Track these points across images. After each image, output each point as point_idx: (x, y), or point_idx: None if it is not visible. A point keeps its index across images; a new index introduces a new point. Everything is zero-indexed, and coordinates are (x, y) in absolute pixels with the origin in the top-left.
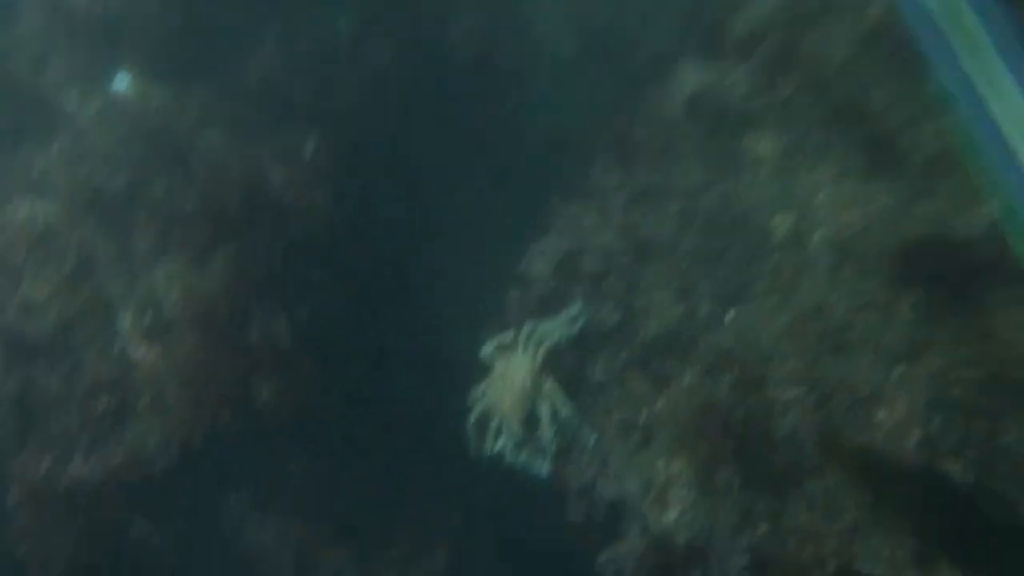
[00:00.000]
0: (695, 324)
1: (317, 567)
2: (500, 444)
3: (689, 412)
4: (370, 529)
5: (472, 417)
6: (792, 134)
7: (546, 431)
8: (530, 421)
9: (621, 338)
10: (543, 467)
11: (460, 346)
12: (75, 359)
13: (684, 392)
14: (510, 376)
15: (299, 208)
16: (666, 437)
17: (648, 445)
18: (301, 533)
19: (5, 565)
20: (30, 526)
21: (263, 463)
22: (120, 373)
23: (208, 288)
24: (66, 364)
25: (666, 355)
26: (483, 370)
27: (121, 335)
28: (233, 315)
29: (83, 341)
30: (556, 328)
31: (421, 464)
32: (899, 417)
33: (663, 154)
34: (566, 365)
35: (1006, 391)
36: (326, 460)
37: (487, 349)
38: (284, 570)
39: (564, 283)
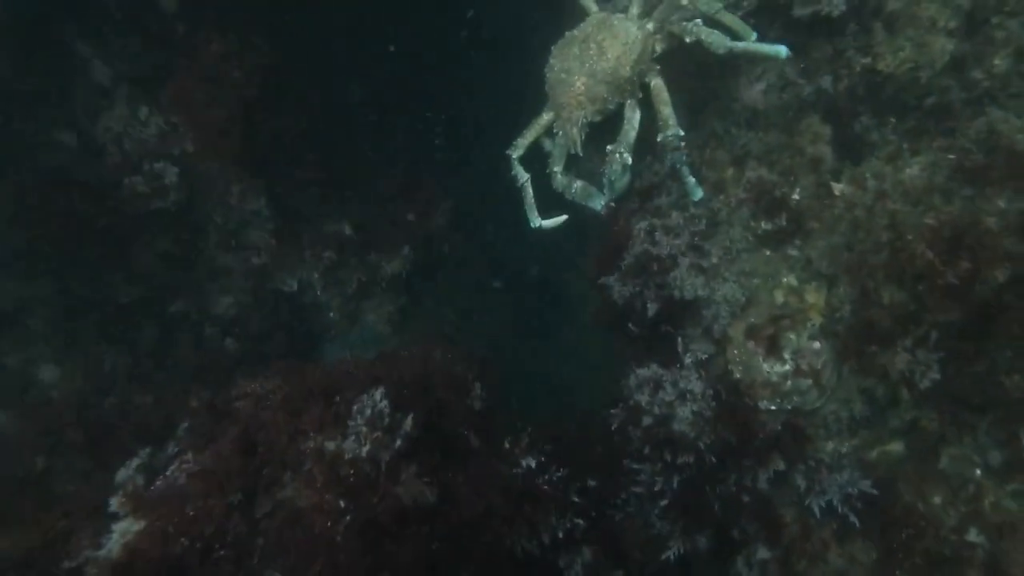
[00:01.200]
0: (973, 83)
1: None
2: (549, 150)
3: (897, 224)
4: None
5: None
6: None
7: (621, 150)
8: (604, 126)
9: (826, 51)
10: (598, 202)
11: None
12: None
13: (901, 186)
14: (602, 44)
15: None
16: (825, 247)
17: (785, 244)
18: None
19: None
20: None
21: None
22: None
23: None
24: None
25: (894, 112)
26: (563, 20)
27: None
28: None
29: None
30: None
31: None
32: None
33: None
34: (697, 60)
35: None
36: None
37: None
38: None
39: None
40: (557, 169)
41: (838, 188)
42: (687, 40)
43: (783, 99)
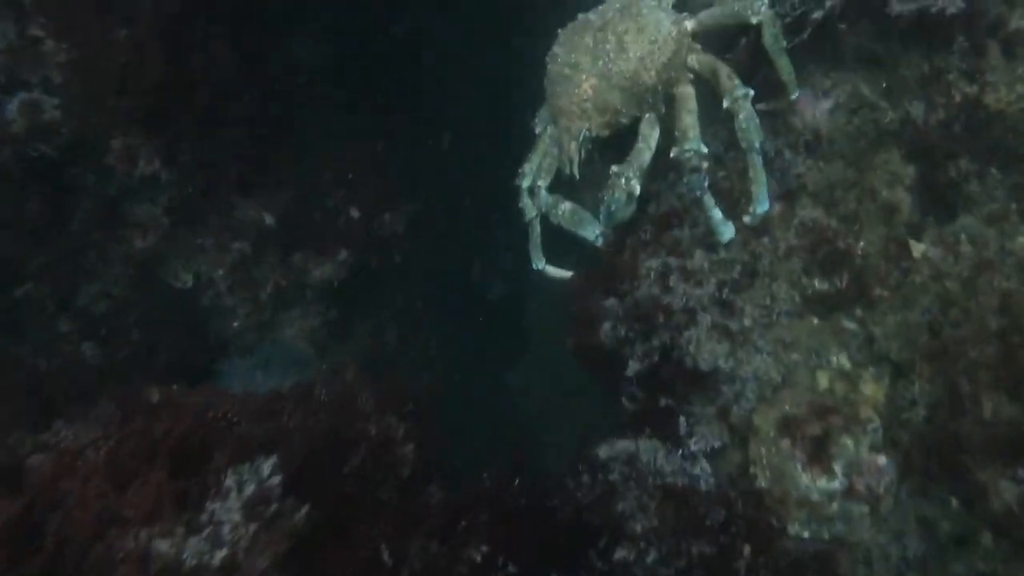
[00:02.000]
0: None
1: None
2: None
3: (1012, 309)
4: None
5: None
6: None
7: (629, 174)
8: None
9: (920, 68)
10: (592, 230)
11: None
12: None
13: (1012, 257)
14: (624, 38)
15: None
16: (897, 324)
17: (839, 313)
18: None
19: None
20: None
21: None
22: None
23: None
24: None
25: (997, 161)
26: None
27: None
28: None
29: None
30: None
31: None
32: None
33: None
34: (746, 64)
35: None
36: None
37: None
38: None
39: None
40: (542, 184)
41: (918, 249)
42: (724, 103)
43: (855, 124)
